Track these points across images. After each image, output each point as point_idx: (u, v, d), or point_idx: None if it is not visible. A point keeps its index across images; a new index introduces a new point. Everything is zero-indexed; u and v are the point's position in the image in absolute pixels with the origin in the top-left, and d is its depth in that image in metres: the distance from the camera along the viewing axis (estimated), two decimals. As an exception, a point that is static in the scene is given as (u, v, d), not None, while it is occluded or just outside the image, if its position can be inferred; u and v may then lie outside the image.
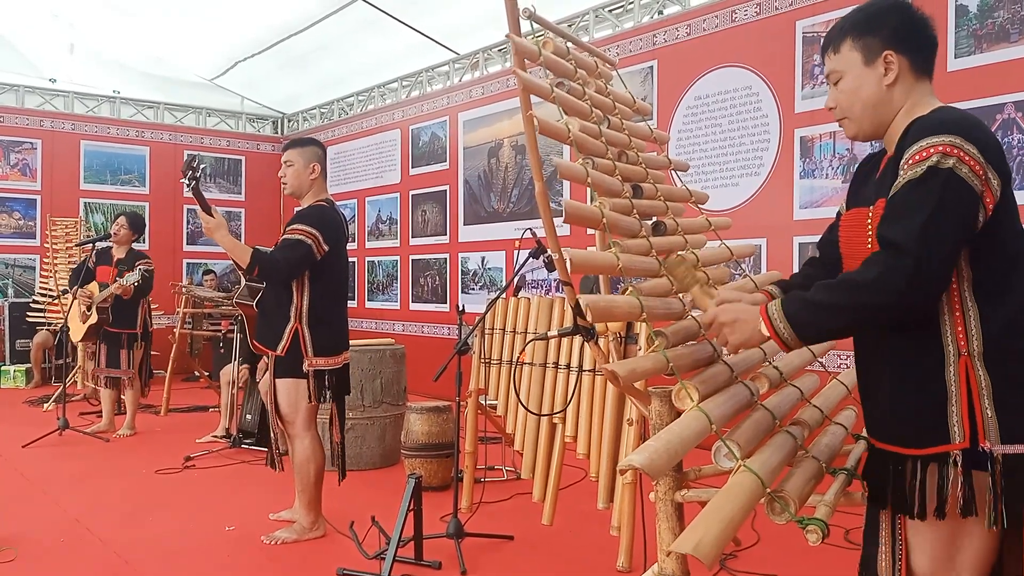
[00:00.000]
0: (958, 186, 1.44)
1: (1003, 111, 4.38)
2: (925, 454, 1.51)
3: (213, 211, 3.55)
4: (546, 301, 3.70)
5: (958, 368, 1.48)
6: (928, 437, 1.50)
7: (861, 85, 1.64)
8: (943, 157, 1.45)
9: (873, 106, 1.64)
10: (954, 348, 1.49)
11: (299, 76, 9.45)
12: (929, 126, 1.50)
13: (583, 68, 2.26)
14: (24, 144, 9.40)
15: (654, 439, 1.48)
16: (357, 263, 9.46)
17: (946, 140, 1.46)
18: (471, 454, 4.09)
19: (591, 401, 3.26)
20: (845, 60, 1.66)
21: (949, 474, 1.47)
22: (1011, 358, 1.48)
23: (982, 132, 1.50)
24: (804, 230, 5.19)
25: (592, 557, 3.43)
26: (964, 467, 1.46)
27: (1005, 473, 1.44)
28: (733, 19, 5.67)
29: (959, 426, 1.47)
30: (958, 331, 1.49)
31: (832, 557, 3.38)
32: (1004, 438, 1.44)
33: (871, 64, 1.63)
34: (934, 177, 1.45)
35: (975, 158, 1.45)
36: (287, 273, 3.53)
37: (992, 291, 1.49)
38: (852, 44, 1.65)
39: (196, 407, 7.36)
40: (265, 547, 3.59)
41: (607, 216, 1.79)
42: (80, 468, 5.07)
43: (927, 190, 1.45)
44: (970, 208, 1.46)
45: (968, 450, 1.46)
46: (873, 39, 1.63)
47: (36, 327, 8.48)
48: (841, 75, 1.67)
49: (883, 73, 1.62)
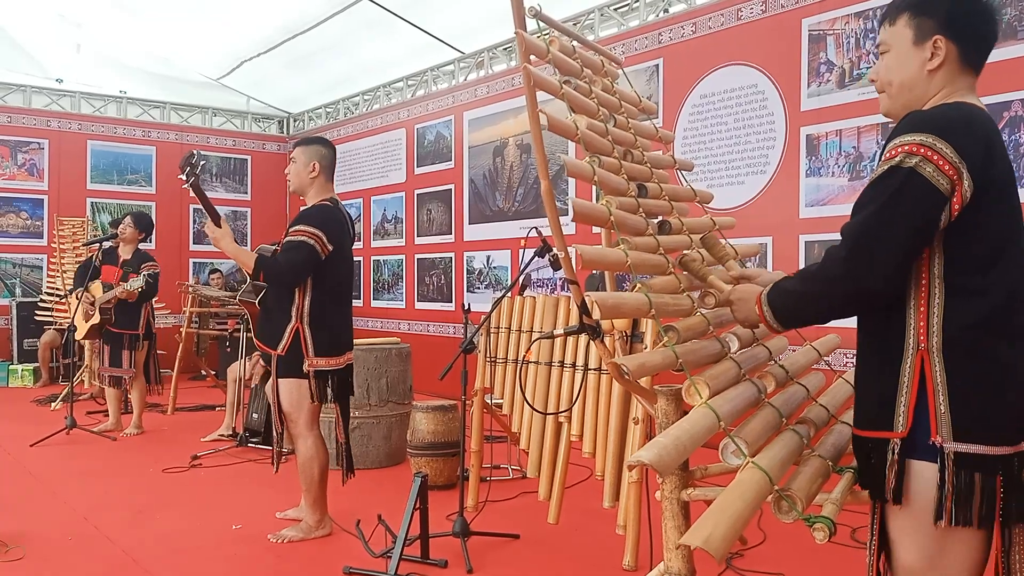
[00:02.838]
0: (917, 184, 1.45)
1: (1011, 108, 4.36)
2: (872, 437, 1.56)
3: (222, 221, 3.54)
4: (552, 300, 3.70)
5: (914, 360, 1.51)
6: (876, 422, 1.55)
7: (905, 63, 1.63)
8: (907, 156, 1.47)
9: (910, 87, 1.64)
10: (914, 340, 1.51)
11: (305, 75, 9.46)
12: (912, 123, 1.52)
13: (589, 67, 2.26)
14: (31, 144, 9.43)
15: (663, 435, 1.49)
16: (363, 262, 9.48)
17: (917, 139, 1.47)
18: (477, 453, 4.09)
19: (597, 400, 3.26)
20: (898, 35, 1.65)
21: (886, 459, 1.51)
22: (973, 356, 1.48)
23: (967, 133, 1.48)
24: (810, 228, 5.18)
25: (598, 556, 3.44)
26: (900, 455, 1.50)
27: (956, 470, 1.46)
28: (739, 17, 5.66)
29: (904, 416, 1.50)
30: (920, 325, 1.51)
31: (839, 556, 3.37)
32: (956, 435, 1.46)
33: (920, 45, 1.62)
34: (892, 175, 1.48)
35: (945, 156, 1.45)
36: (292, 277, 3.52)
37: (961, 289, 1.50)
38: (908, 21, 1.63)
39: (203, 406, 7.39)
40: (272, 545, 3.60)
41: (615, 214, 1.79)
42: (88, 467, 5.09)
43: (882, 188, 1.48)
44: (927, 206, 1.46)
45: (907, 439, 1.50)
46: (928, 20, 1.61)
47: (43, 326, 8.51)
48: (890, 48, 1.66)
49: (928, 57, 1.61)
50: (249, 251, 3.56)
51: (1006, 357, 1.49)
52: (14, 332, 8.92)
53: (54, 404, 7.25)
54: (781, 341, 2.16)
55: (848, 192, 4.99)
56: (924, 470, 1.49)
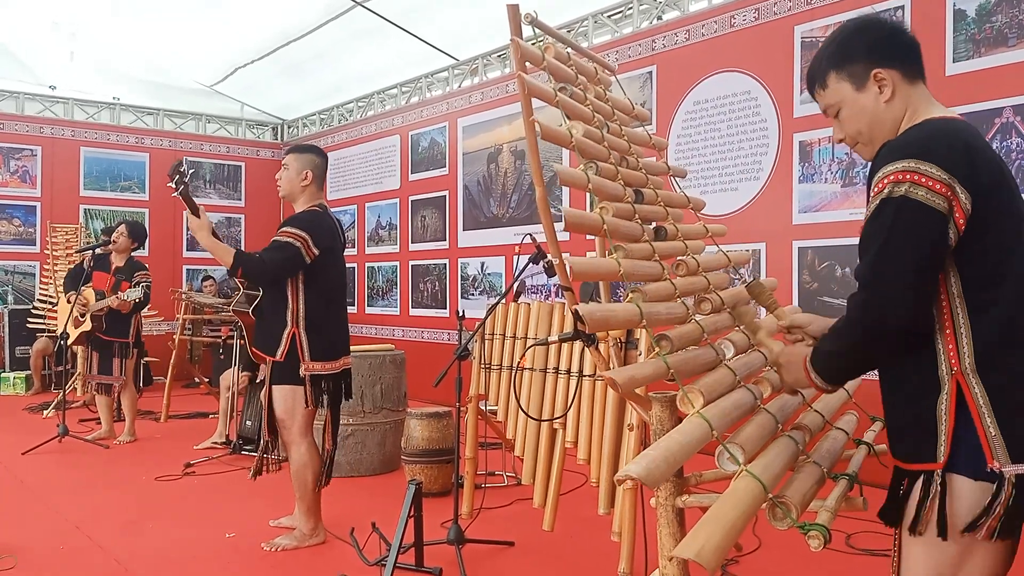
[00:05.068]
0: (913, 210, 1.44)
1: (1001, 115, 4.38)
2: (915, 470, 1.51)
3: (200, 212, 3.55)
4: (546, 306, 3.70)
5: (950, 386, 1.47)
6: (918, 455, 1.50)
7: (862, 109, 1.65)
8: (895, 186, 1.46)
9: (879, 124, 1.64)
10: (946, 367, 1.48)
11: (299, 82, 9.46)
12: (890, 152, 1.52)
13: (583, 74, 2.27)
14: (24, 151, 9.41)
15: (653, 447, 1.48)
16: (357, 269, 9.47)
17: (899, 167, 1.47)
18: (471, 460, 4.08)
19: (591, 406, 3.25)
20: (837, 92, 1.67)
21: (929, 492, 1.47)
22: (1007, 372, 1.45)
23: (947, 147, 1.48)
24: (803, 235, 5.20)
25: (593, 563, 3.43)
26: (942, 485, 1.46)
27: (1016, 493, 1.41)
28: (732, 24, 5.69)
29: (944, 445, 1.46)
30: (949, 349, 1.48)
31: (834, 562, 3.37)
32: (1015, 457, 1.42)
33: (863, 88, 1.64)
34: (885, 208, 1.47)
35: (934, 177, 1.44)
36: (272, 273, 3.53)
37: (981, 305, 1.48)
38: (837, 76, 1.66)
39: (196, 413, 7.36)
40: (265, 554, 3.58)
41: (608, 223, 1.79)
42: (80, 475, 5.06)
43: (880, 223, 1.48)
44: (931, 229, 1.44)
45: (945, 467, 1.46)
46: (856, 64, 1.64)
47: (36, 334, 8.47)
48: (839, 106, 1.68)
49: (878, 92, 1.63)
50: (226, 246, 3.56)
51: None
52: (6, 339, 8.87)
53: (46, 412, 7.20)
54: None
55: (841, 198, 5.01)
56: (961, 492, 1.45)
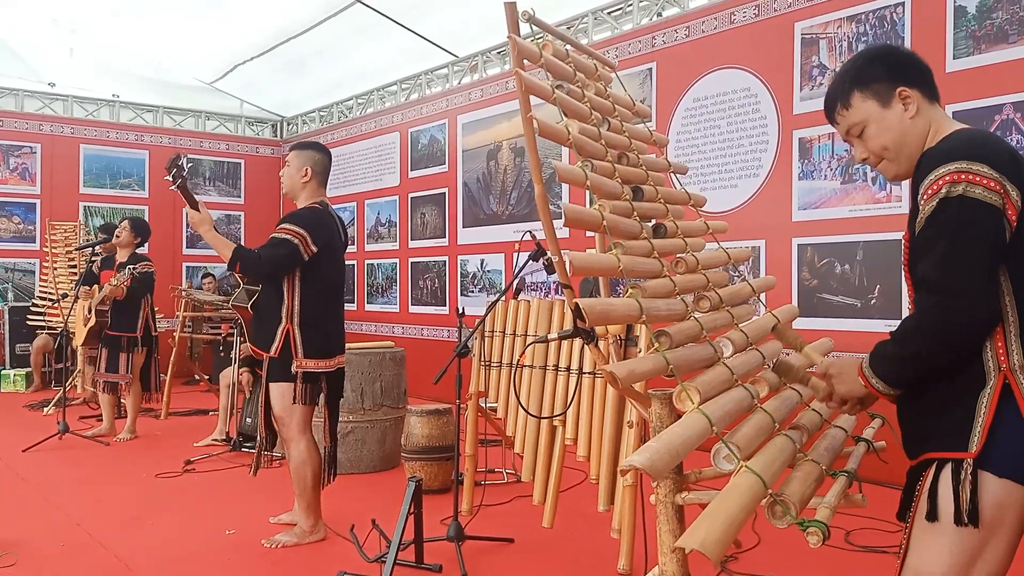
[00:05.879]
0: (973, 208, 1.48)
1: (1002, 112, 4.38)
2: (944, 458, 1.53)
3: (200, 206, 3.56)
4: (546, 303, 3.70)
5: (995, 382, 1.50)
6: (949, 443, 1.53)
7: (888, 126, 1.69)
8: (952, 186, 1.49)
9: (905, 140, 1.68)
10: (994, 363, 1.51)
11: (298, 79, 9.45)
12: (936, 157, 1.55)
13: (582, 71, 2.26)
14: (24, 148, 9.40)
15: (655, 440, 1.48)
16: (356, 266, 9.46)
17: (951, 168, 1.50)
18: (471, 457, 4.09)
19: (591, 403, 3.26)
20: (862, 111, 1.71)
21: (959, 478, 1.50)
22: None
23: (990, 148, 1.53)
24: (803, 231, 5.20)
25: (593, 560, 3.43)
26: (974, 475, 1.48)
27: None
28: (732, 21, 5.68)
29: (979, 436, 1.49)
30: (998, 346, 1.52)
31: (833, 559, 3.38)
32: None
33: (889, 105, 1.68)
34: (946, 208, 1.49)
35: (987, 176, 1.49)
36: (269, 269, 3.54)
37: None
38: (862, 95, 1.70)
39: (196, 411, 7.37)
40: (266, 551, 3.59)
41: (607, 219, 1.79)
42: (81, 472, 5.07)
43: (942, 222, 1.49)
44: (992, 225, 1.48)
45: (977, 458, 1.49)
46: (880, 83, 1.68)
47: (36, 331, 8.48)
48: (864, 125, 1.71)
49: (903, 109, 1.67)
50: (227, 240, 3.57)
51: None
52: (6, 337, 8.87)
53: (47, 409, 7.21)
54: (775, 345, 2.16)
55: (840, 195, 5.00)
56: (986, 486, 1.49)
